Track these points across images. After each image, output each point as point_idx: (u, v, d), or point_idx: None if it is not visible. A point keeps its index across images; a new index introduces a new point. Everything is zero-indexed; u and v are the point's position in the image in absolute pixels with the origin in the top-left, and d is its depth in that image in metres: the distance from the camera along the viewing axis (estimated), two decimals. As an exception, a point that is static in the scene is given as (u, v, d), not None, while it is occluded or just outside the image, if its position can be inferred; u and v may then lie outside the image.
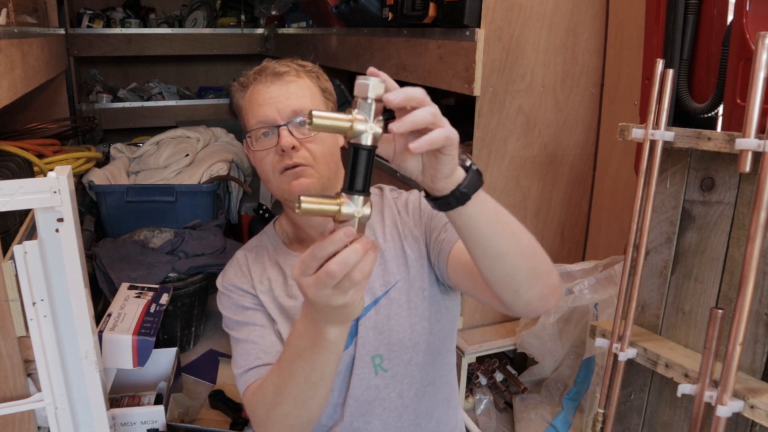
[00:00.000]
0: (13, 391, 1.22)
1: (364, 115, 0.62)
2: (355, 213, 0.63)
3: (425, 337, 1.02)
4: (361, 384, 1.01)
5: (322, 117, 0.62)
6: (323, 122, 0.62)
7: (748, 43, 1.08)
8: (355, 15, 2.15)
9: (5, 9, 1.60)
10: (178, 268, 2.21)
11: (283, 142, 0.95)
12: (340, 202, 0.63)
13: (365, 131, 0.62)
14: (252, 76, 1.02)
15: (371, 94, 0.62)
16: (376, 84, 0.63)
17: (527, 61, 1.64)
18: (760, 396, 1.07)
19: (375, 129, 0.62)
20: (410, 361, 1.01)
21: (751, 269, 1.02)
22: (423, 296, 1.01)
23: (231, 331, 1.05)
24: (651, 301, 1.35)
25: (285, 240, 1.11)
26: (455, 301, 1.07)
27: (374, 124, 0.62)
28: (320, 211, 0.62)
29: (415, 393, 1.03)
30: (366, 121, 0.62)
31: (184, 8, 3.92)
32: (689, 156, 1.25)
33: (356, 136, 0.62)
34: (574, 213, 1.86)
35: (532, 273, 0.77)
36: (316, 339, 0.72)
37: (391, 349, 1.00)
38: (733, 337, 1.04)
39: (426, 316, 1.01)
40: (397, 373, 1.01)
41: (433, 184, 0.68)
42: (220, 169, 2.80)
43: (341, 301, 0.64)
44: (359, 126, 0.62)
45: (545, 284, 0.79)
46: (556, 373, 1.75)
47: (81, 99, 3.55)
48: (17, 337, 1.19)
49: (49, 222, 1.14)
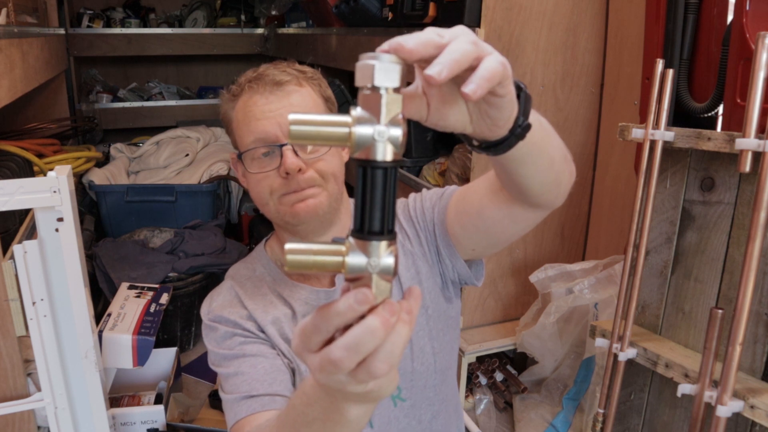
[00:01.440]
0: (13, 390, 1.21)
1: (370, 115, 0.40)
2: (369, 267, 0.42)
3: (434, 356, 0.96)
4: (381, 420, 0.95)
5: (304, 123, 0.41)
6: (307, 130, 0.41)
7: (748, 43, 1.07)
8: (355, 15, 2.15)
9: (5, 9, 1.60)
10: (178, 268, 2.21)
11: (289, 164, 0.82)
12: (344, 251, 0.42)
13: (376, 140, 0.40)
14: (246, 84, 0.86)
15: (380, 80, 0.40)
16: (387, 64, 0.40)
17: (527, 60, 1.64)
18: (760, 396, 1.07)
19: (391, 133, 0.40)
20: (426, 384, 0.96)
21: (751, 269, 1.02)
22: (427, 315, 0.95)
23: (218, 369, 0.91)
24: (651, 301, 1.34)
25: (280, 266, 0.97)
26: (457, 308, 1.01)
27: (389, 126, 0.40)
28: (317, 265, 0.43)
29: (432, 414, 0.99)
30: (374, 122, 0.40)
31: (184, 8, 3.92)
32: (689, 156, 1.25)
33: (361, 147, 0.41)
34: (574, 213, 1.85)
35: (566, 161, 0.72)
36: (330, 413, 0.54)
37: (405, 378, 0.93)
38: (733, 337, 1.03)
39: (432, 335, 0.95)
40: (415, 402, 0.96)
41: (491, 132, 0.55)
42: (220, 168, 2.81)
43: (360, 390, 0.46)
44: (363, 131, 0.40)
45: (564, 180, 0.75)
46: (556, 373, 1.75)
47: (81, 99, 3.55)
48: (17, 336, 1.19)
49: (49, 222, 1.14)
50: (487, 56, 0.47)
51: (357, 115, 0.41)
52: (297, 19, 3.14)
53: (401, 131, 0.41)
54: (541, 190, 0.72)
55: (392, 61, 0.41)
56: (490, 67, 0.46)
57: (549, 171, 0.69)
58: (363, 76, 0.41)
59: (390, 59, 0.41)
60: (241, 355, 0.88)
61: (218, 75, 4.20)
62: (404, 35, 0.44)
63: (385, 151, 0.41)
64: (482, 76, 0.45)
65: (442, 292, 0.96)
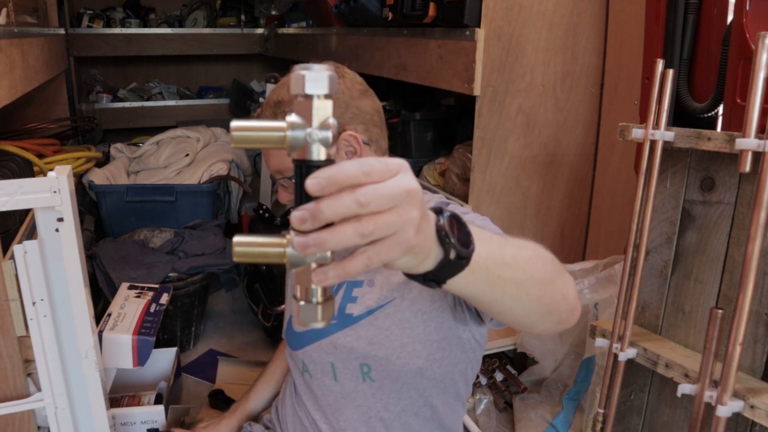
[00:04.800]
0: (12, 390, 1.21)
1: (303, 120, 0.45)
2: (306, 257, 0.45)
3: (418, 360, 0.97)
4: (347, 383, 1.02)
5: (244, 129, 0.45)
6: (247, 135, 0.45)
7: (748, 43, 1.07)
8: (355, 15, 2.15)
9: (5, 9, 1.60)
10: (178, 268, 2.21)
11: (281, 198, 0.97)
12: (285, 243, 0.46)
13: (308, 142, 0.45)
14: (258, 111, 1.01)
15: (311, 89, 0.45)
16: (316, 73, 0.45)
17: (527, 60, 1.64)
18: (760, 396, 1.07)
19: (321, 135, 0.45)
20: (398, 378, 0.99)
21: (751, 269, 1.02)
22: (422, 319, 0.95)
23: None
24: (651, 301, 1.34)
25: None
26: (473, 333, 0.98)
27: (319, 129, 0.44)
28: (261, 255, 0.47)
29: (402, 409, 1.01)
30: (306, 126, 0.45)
31: (184, 8, 3.92)
32: (689, 156, 1.25)
33: (296, 149, 0.45)
34: (574, 213, 1.85)
35: (545, 311, 0.67)
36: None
37: (377, 362, 0.98)
38: (733, 337, 1.03)
39: (422, 340, 0.96)
40: (383, 386, 1.00)
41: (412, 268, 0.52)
42: (220, 169, 2.80)
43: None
44: (296, 134, 0.45)
45: (560, 313, 0.70)
46: (556, 373, 1.75)
47: (81, 99, 3.55)
48: (17, 336, 1.19)
49: (49, 222, 1.14)
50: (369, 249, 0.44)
51: (291, 120, 0.45)
52: (297, 19, 3.14)
53: (331, 133, 0.45)
54: (503, 321, 0.68)
55: (321, 70, 0.45)
56: (351, 267, 0.44)
57: (505, 314, 0.65)
58: (296, 86, 0.45)
59: (320, 68, 0.45)
60: None
61: (218, 75, 4.19)
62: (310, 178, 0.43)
63: (318, 151, 0.45)
64: (336, 273, 0.44)
65: (451, 311, 0.94)
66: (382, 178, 0.43)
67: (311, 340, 1.05)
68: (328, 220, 0.43)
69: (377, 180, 0.43)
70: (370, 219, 0.43)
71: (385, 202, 0.43)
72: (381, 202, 0.43)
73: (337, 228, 0.43)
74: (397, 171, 0.44)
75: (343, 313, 1.00)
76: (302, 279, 0.47)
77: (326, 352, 1.02)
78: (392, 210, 0.43)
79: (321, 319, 0.47)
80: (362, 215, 0.43)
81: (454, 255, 0.52)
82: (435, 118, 2.10)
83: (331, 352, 1.02)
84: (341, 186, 0.42)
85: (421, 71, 1.80)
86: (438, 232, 0.51)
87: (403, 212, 0.44)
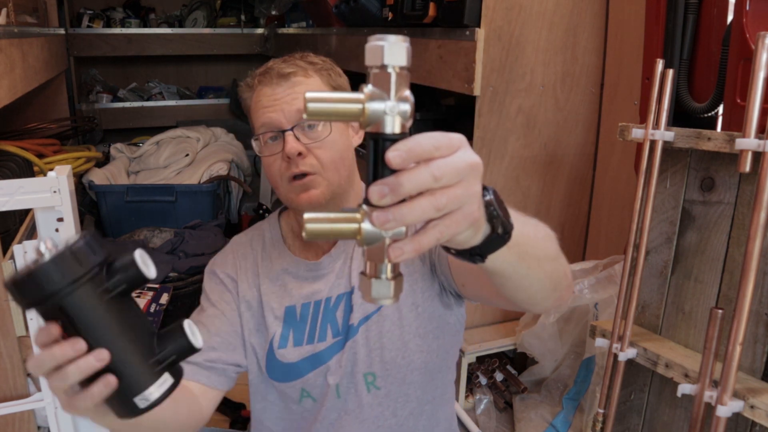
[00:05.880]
0: (12, 390, 1.22)
1: (381, 91, 0.43)
2: (383, 232, 0.45)
3: (421, 355, 0.97)
4: (352, 401, 0.97)
5: (320, 100, 0.44)
6: (323, 107, 0.44)
7: (748, 43, 1.07)
8: (355, 15, 2.15)
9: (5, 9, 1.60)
10: (178, 268, 2.21)
11: (288, 148, 0.89)
12: (359, 218, 0.45)
13: (386, 113, 0.43)
14: (257, 77, 0.96)
15: (389, 59, 0.43)
16: (393, 44, 0.43)
17: (527, 60, 1.64)
18: (760, 396, 1.07)
19: (401, 108, 0.43)
20: (404, 379, 0.97)
21: (751, 269, 1.02)
22: (417, 312, 0.95)
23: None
24: (651, 301, 1.34)
25: (288, 236, 1.04)
26: (458, 316, 1.01)
27: (398, 101, 0.43)
28: (334, 232, 0.46)
29: (410, 412, 1.00)
30: (385, 98, 0.43)
31: (184, 8, 3.92)
32: (689, 156, 1.25)
33: (373, 122, 0.44)
34: (574, 213, 1.85)
35: (552, 287, 0.71)
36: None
37: (384, 368, 0.96)
38: (733, 337, 1.03)
39: (420, 333, 0.96)
40: (390, 392, 0.97)
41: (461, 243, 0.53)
42: (220, 168, 2.81)
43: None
44: (375, 106, 0.43)
45: (562, 290, 0.74)
46: (556, 373, 1.75)
47: (81, 99, 3.55)
48: (17, 336, 1.19)
49: (49, 222, 1.14)
50: (444, 218, 0.44)
51: (369, 91, 0.44)
52: (297, 19, 3.14)
53: (410, 106, 0.44)
54: (513, 299, 0.72)
55: (399, 41, 0.43)
56: (425, 241, 0.44)
57: (523, 291, 0.68)
58: (373, 56, 0.44)
59: (396, 39, 0.43)
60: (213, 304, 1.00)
61: (218, 75, 4.20)
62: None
63: (395, 124, 0.44)
64: (413, 248, 0.44)
65: (439, 298, 0.96)
66: (449, 152, 0.44)
67: (313, 366, 0.98)
68: (408, 193, 0.43)
69: (445, 154, 0.44)
70: (443, 192, 0.43)
71: (455, 176, 0.44)
72: (452, 176, 0.44)
73: (415, 202, 0.43)
74: (459, 146, 0.45)
75: (347, 324, 0.97)
76: (374, 255, 0.46)
77: (331, 373, 0.98)
78: (460, 183, 0.44)
79: (393, 295, 0.47)
80: (435, 189, 0.43)
81: (501, 230, 0.53)
82: (435, 118, 2.10)
83: (336, 371, 0.97)
84: (418, 159, 0.43)
85: (421, 71, 1.80)
86: (487, 207, 0.52)
87: (469, 186, 0.45)
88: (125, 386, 0.57)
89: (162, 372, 0.58)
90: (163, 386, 0.58)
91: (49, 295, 0.53)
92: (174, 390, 0.59)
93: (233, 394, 1.90)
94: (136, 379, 0.57)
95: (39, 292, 0.53)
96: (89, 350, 0.55)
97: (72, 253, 0.53)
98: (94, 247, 0.55)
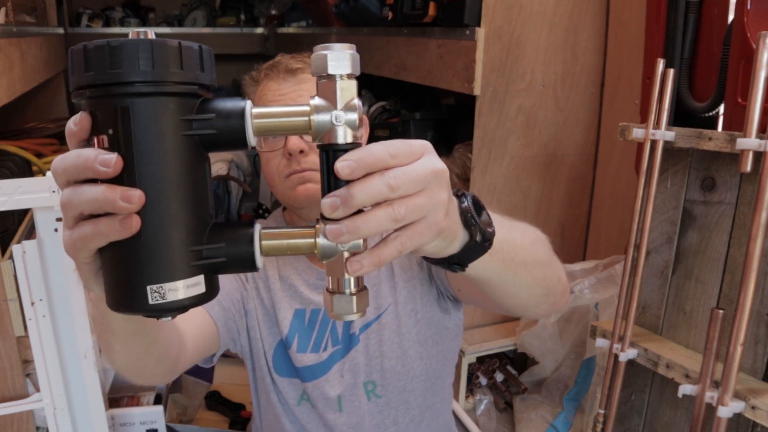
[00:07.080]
0: (11, 391, 1.21)
1: (327, 102, 0.42)
2: (339, 247, 0.43)
3: (421, 362, 0.96)
4: (353, 409, 0.96)
5: (265, 116, 0.42)
6: (268, 122, 0.42)
7: (749, 43, 1.07)
8: (355, 14, 2.14)
9: (4, 8, 1.60)
10: (178, 268, 2.20)
11: (291, 145, 0.87)
12: (314, 233, 0.44)
13: (334, 124, 0.42)
14: (264, 71, 0.95)
15: (333, 68, 0.42)
16: (337, 52, 0.42)
17: (527, 60, 1.64)
18: (762, 396, 1.06)
19: (347, 117, 0.42)
20: (405, 387, 0.96)
21: (752, 269, 1.02)
22: (416, 319, 0.94)
23: None
24: (652, 301, 1.34)
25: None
26: (456, 321, 1.00)
27: (345, 110, 0.42)
28: (291, 248, 0.44)
29: (411, 419, 0.99)
30: (331, 109, 0.42)
31: (184, 8, 3.92)
32: (690, 156, 1.25)
33: (322, 134, 0.42)
34: (574, 213, 1.85)
35: (544, 293, 0.69)
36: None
37: (384, 376, 0.95)
38: (734, 337, 1.03)
39: (420, 340, 0.95)
40: (391, 400, 0.96)
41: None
42: (219, 168, 2.80)
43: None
44: (321, 117, 0.42)
45: (556, 295, 0.72)
46: (557, 374, 1.75)
47: (80, 99, 3.54)
48: (16, 337, 1.18)
49: (48, 221, 1.14)
50: (405, 230, 0.42)
51: (315, 103, 0.42)
52: (297, 19, 3.13)
53: (357, 115, 0.42)
54: (503, 306, 0.70)
55: (343, 49, 0.42)
56: (385, 253, 0.42)
57: (511, 298, 0.66)
58: (318, 66, 0.42)
59: (341, 47, 0.42)
60: None
61: (218, 75, 4.09)
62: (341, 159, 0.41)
63: (345, 134, 0.42)
64: (372, 261, 0.42)
65: (437, 303, 0.96)
66: (409, 160, 0.42)
67: (314, 376, 0.97)
68: (360, 205, 0.41)
69: (404, 162, 0.42)
70: (401, 202, 0.42)
71: (415, 185, 0.42)
72: (411, 185, 0.42)
73: (370, 213, 0.41)
74: (422, 152, 0.43)
75: (348, 333, 0.96)
76: (334, 270, 0.44)
77: (332, 384, 0.96)
78: (421, 192, 0.42)
79: (356, 310, 0.45)
80: (393, 199, 0.41)
81: (480, 237, 0.51)
82: (435, 118, 2.10)
83: (337, 383, 0.96)
84: (370, 169, 0.41)
85: (421, 71, 1.80)
86: (463, 215, 0.50)
87: (433, 194, 0.43)
88: (143, 262, 0.41)
89: (199, 271, 0.43)
90: (192, 290, 0.42)
91: (122, 81, 0.39)
92: (200, 304, 0.44)
93: (233, 394, 1.90)
94: (163, 261, 0.41)
95: (112, 75, 0.39)
96: (121, 181, 0.40)
97: (179, 51, 0.41)
98: (207, 63, 0.43)
